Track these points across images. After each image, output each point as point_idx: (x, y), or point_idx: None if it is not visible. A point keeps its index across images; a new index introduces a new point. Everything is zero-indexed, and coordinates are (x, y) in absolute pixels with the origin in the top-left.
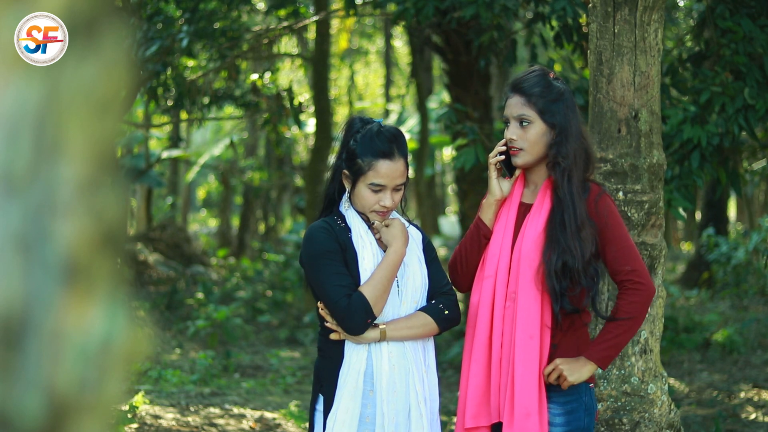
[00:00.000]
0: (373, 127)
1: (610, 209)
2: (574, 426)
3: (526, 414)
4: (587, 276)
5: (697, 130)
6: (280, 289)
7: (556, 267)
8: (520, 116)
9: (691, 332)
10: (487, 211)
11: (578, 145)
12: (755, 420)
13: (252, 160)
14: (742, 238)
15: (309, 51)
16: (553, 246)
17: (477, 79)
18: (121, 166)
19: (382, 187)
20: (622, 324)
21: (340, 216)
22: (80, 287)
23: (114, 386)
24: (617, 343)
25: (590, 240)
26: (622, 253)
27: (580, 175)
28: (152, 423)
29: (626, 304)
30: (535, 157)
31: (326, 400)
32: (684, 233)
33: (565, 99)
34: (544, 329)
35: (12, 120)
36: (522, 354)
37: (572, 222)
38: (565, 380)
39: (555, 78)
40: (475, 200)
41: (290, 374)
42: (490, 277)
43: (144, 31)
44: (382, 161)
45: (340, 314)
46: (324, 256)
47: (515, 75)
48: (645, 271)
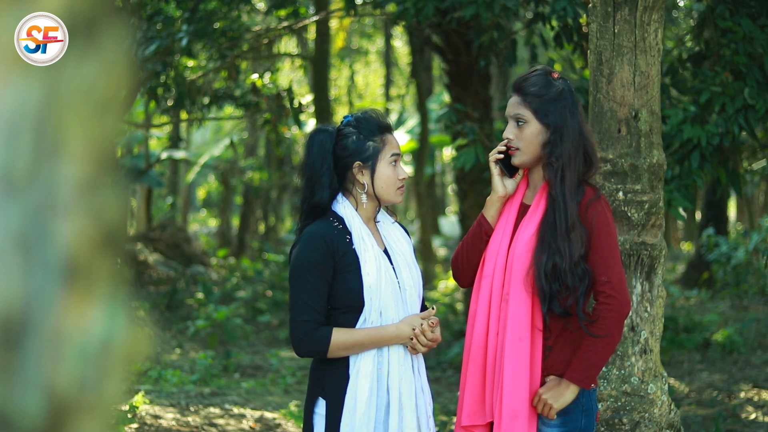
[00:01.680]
0: (357, 115)
1: (599, 216)
2: (571, 427)
3: (513, 416)
4: (574, 276)
5: (697, 130)
6: (280, 289)
7: (546, 268)
8: (516, 115)
9: (691, 332)
10: (490, 208)
11: (575, 146)
12: (755, 420)
13: (252, 160)
14: (742, 238)
15: (309, 51)
16: (543, 247)
17: (477, 79)
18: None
19: (398, 156)
20: (599, 342)
21: (336, 217)
22: (80, 287)
23: (114, 386)
24: (597, 362)
25: (580, 241)
26: (602, 263)
27: (574, 176)
28: (152, 423)
29: (601, 321)
30: (531, 156)
31: (330, 404)
32: (684, 233)
33: (564, 99)
34: (534, 331)
35: (12, 120)
36: (511, 356)
37: (563, 223)
38: (551, 408)
39: (558, 78)
40: (475, 200)
41: (290, 374)
42: (487, 277)
43: (144, 31)
44: (388, 134)
45: (296, 334)
46: (307, 268)
47: (518, 75)
48: (621, 284)
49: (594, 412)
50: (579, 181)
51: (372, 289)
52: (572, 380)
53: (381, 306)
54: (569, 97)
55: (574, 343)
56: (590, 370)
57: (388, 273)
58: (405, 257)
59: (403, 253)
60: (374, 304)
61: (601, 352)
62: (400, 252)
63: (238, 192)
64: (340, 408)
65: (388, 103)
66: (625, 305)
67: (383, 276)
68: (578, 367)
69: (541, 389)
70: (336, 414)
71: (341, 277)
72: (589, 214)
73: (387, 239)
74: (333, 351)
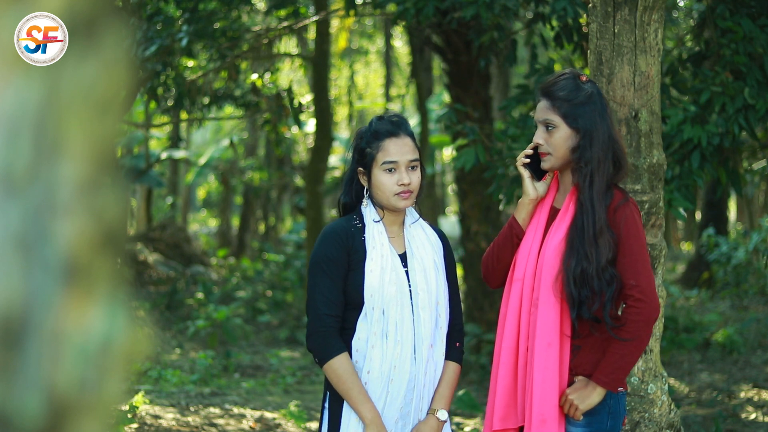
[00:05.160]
0: (374, 118)
1: (628, 220)
2: (596, 428)
3: (542, 420)
4: (602, 281)
5: (697, 130)
6: (280, 289)
7: (575, 274)
8: (545, 120)
9: (691, 332)
10: (521, 210)
11: (604, 150)
12: (755, 420)
13: (252, 160)
14: (742, 238)
15: (309, 51)
16: (572, 253)
17: (477, 79)
18: (121, 166)
19: (395, 164)
20: (627, 345)
21: (359, 215)
22: (80, 287)
23: (114, 386)
24: (624, 365)
25: (608, 246)
26: (631, 267)
27: (603, 180)
28: (152, 423)
29: (629, 324)
30: (561, 161)
31: (332, 396)
32: (684, 233)
33: (594, 102)
34: (563, 338)
35: (12, 120)
36: (540, 361)
37: (590, 228)
38: (577, 409)
39: (586, 81)
40: (475, 200)
41: (290, 374)
42: (518, 281)
43: (144, 31)
44: (387, 140)
45: (314, 325)
46: (325, 262)
47: (545, 79)
48: (650, 289)
49: (621, 416)
50: (608, 185)
51: (372, 286)
52: (599, 382)
53: (383, 305)
54: (598, 100)
55: (603, 344)
56: (617, 373)
57: (395, 273)
58: (423, 263)
59: (421, 258)
60: (375, 302)
61: (629, 355)
62: (419, 257)
63: (238, 192)
64: (341, 401)
65: (388, 103)
66: (654, 309)
67: (387, 275)
68: (605, 369)
69: (568, 390)
70: (338, 408)
71: (351, 274)
72: (617, 217)
73: (410, 243)
74: (327, 368)
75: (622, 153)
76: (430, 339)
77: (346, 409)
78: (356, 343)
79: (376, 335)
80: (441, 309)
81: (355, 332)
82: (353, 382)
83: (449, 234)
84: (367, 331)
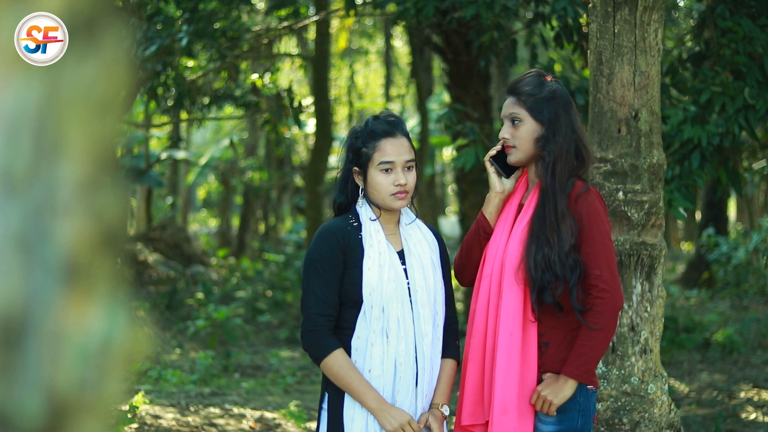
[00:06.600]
0: (369, 118)
1: (590, 208)
2: (567, 426)
3: (504, 410)
4: (565, 266)
5: (697, 130)
6: (280, 289)
7: (536, 258)
8: (511, 115)
9: (691, 332)
10: (488, 205)
11: (567, 141)
12: (755, 420)
13: (252, 160)
14: (742, 238)
15: (309, 51)
16: (533, 239)
17: (477, 79)
18: (121, 166)
19: (392, 164)
20: (594, 335)
21: (354, 215)
22: (80, 287)
23: (114, 386)
24: (593, 356)
25: (570, 232)
26: (594, 256)
27: (565, 170)
28: (152, 423)
29: (594, 314)
30: (526, 154)
31: (332, 397)
32: (684, 233)
33: (558, 98)
34: (527, 324)
35: (12, 120)
36: (502, 350)
37: (552, 214)
38: (551, 404)
39: (551, 80)
40: (475, 200)
41: (290, 374)
42: (486, 277)
43: (144, 31)
44: (384, 140)
45: (307, 325)
46: (319, 262)
47: (515, 77)
48: (613, 278)
49: (591, 414)
50: (570, 175)
51: (371, 284)
52: (569, 375)
53: (383, 302)
54: (563, 96)
55: (571, 342)
56: (587, 365)
57: (394, 271)
58: (421, 260)
59: (419, 256)
60: (374, 300)
61: (597, 345)
62: (417, 254)
63: (238, 192)
64: (341, 400)
65: (388, 103)
66: (617, 298)
67: (386, 272)
68: (575, 361)
69: (539, 387)
70: (338, 407)
71: (347, 272)
72: (579, 206)
73: (407, 241)
74: (324, 366)
75: (585, 146)
76: (429, 335)
77: (347, 408)
78: (355, 341)
79: (375, 333)
80: (438, 306)
81: (354, 331)
82: (353, 374)
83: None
84: (367, 329)
